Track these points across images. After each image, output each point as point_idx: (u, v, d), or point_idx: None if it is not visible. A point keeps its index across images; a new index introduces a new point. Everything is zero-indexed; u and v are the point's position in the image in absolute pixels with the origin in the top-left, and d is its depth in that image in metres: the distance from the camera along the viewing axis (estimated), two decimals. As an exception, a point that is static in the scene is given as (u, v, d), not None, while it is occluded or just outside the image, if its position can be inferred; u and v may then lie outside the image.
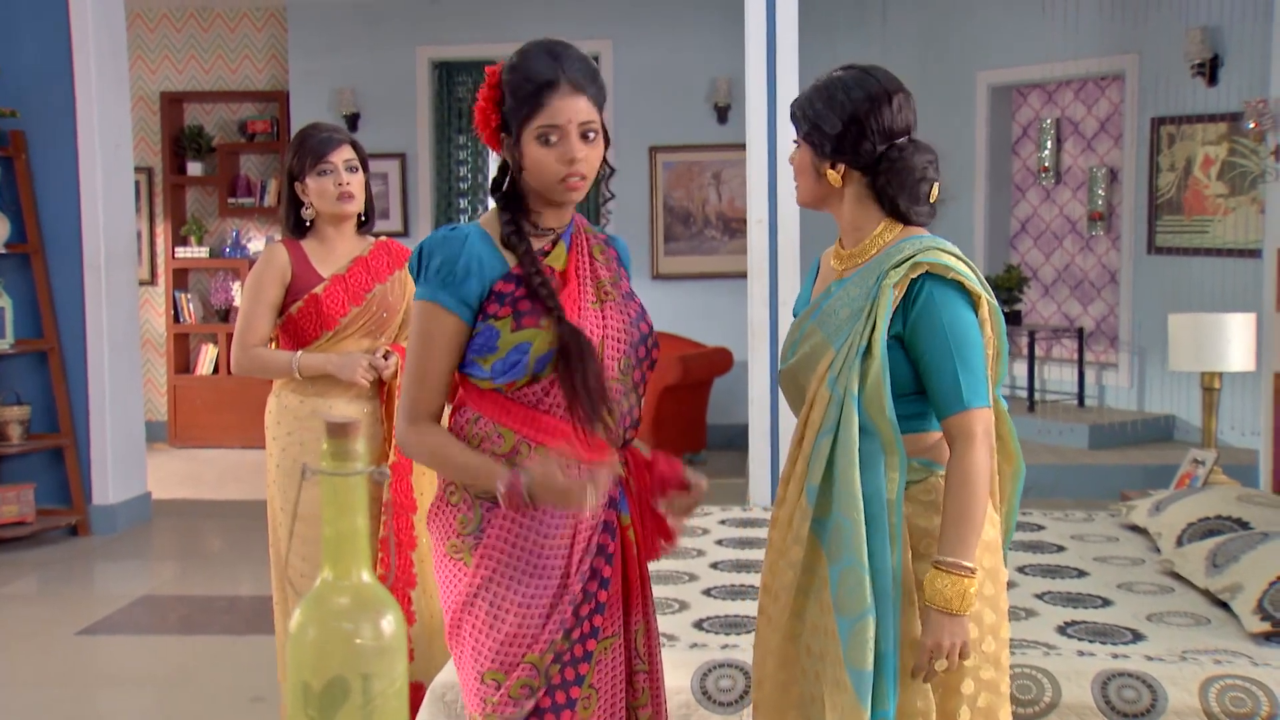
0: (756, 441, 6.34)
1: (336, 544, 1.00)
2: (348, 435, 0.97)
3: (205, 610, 5.50)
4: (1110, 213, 8.04)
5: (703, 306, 9.08)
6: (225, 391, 9.24)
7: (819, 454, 2.19)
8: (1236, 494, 4.09)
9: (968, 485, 2.15)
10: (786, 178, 6.18)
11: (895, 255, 2.23)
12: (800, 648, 2.25)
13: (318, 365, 3.42)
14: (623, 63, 9.07)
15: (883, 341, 2.17)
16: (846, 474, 2.15)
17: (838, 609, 2.14)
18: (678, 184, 9.15)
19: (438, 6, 9.10)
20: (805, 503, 2.21)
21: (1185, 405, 7.54)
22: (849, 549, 2.13)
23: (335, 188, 3.42)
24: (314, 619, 1.00)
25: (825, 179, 2.29)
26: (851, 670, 2.11)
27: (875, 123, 2.23)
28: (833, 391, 2.20)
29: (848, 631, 2.12)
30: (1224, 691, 2.92)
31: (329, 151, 3.41)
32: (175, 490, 7.81)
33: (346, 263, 3.49)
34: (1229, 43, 7.16)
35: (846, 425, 2.16)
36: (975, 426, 2.17)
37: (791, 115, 2.32)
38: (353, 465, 0.98)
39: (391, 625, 1.01)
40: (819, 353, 2.26)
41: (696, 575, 3.85)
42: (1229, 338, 4.77)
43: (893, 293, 2.18)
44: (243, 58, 9.50)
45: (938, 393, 2.19)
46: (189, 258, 9.37)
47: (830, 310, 2.28)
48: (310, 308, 3.44)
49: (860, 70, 2.28)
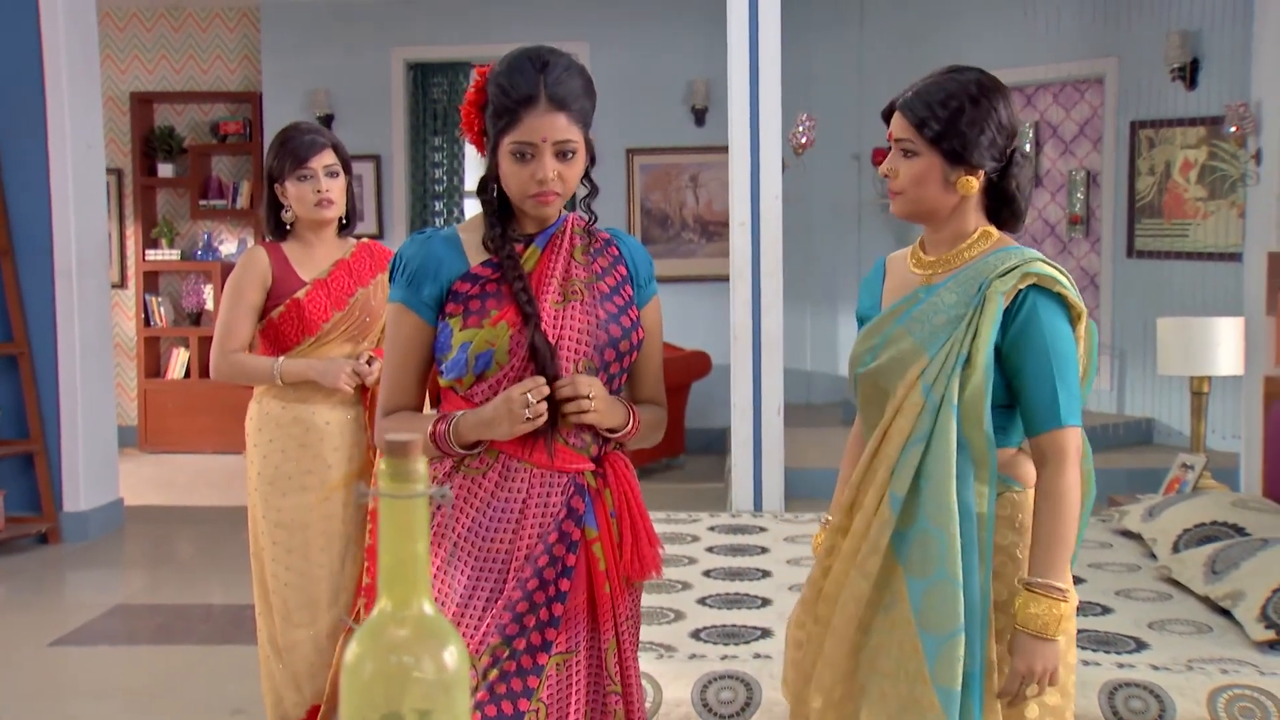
0: (739, 447, 6.28)
1: (395, 571, 0.93)
2: (407, 454, 0.90)
3: (181, 619, 5.39)
4: (1089, 216, 8.04)
5: (680, 310, 9.01)
6: (197, 396, 9.11)
7: (907, 463, 2.13)
8: (1231, 499, 4.07)
9: (1062, 505, 2.11)
10: (769, 180, 6.14)
11: (997, 264, 2.16)
12: (862, 662, 2.16)
13: (300, 371, 3.34)
14: (600, 65, 9.00)
15: (988, 352, 2.11)
16: (942, 485, 2.09)
17: (922, 625, 2.07)
18: (655, 186, 9.09)
19: (413, 7, 9.01)
20: (888, 512, 2.13)
21: (1166, 408, 7.55)
22: (940, 563, 2.07)
23: (314, 194, 3.35)
24: (371, 652, 0.93)
25: (954, 187, 2.18)
26: (940, 689, 2.04)
27: (1007, 121, 2.17)
28: (927, 399, 2.13)
29: (936, 649, 2.05)
30: (1232, 702, 2.89)
31: (309, 157, 3.33)
32: (147, 496, 7.68)
33: (328, 266, 3.42)
34: (1208, 47, 7.17)
35: (943, 435, 2.10)
36: (1069, 445, 2.13)
37: (919, 122, 2.17)
38: (413, 486, 0.91)
39: (454, 657, 0.94)
40: (909, 358, 2.18)
41: (690, 584, 3.79)
42: (1218, 341, 4.75)
43: (1001, 301, 2.12)
44: (214, 58, 9.38)
45: (1034, 408, 2.14)
46: (160, 260, 9.23)
47: (922, 316, 2.19)
48: (292, 312, 3.37)
49: (974, 70, 2.21)
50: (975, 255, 2.20)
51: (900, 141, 2.19)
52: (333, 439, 3.38)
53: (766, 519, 4.79)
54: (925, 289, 2.23)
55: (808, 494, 6.81)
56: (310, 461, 3.37)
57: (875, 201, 8.92)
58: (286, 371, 3.34)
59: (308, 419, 3.37)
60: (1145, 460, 6.93)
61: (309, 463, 3.37)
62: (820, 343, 9.24)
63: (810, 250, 8.90)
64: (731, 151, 6.14)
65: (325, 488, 3.38)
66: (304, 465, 3.37)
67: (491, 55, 9.70)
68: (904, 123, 2.18)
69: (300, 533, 3.38)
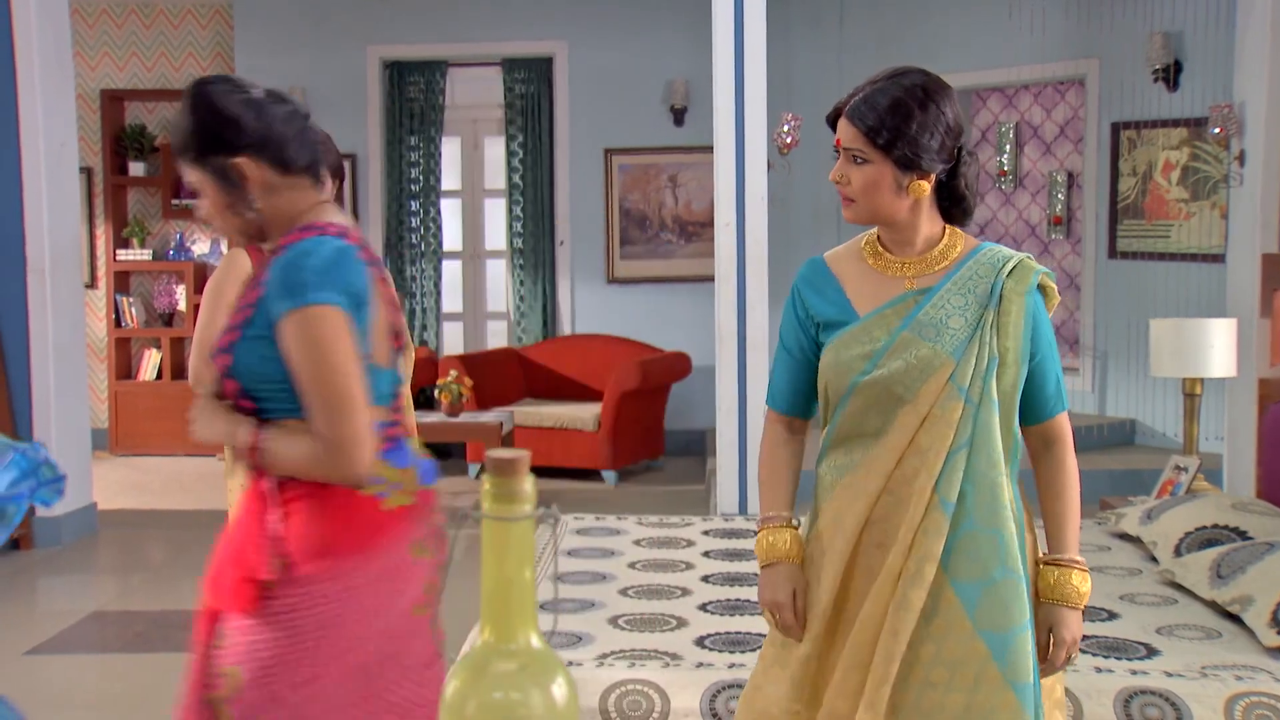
0: (724, 449, 6.22)
1: (498, 600, 0.86)
2: (514, 472, 0.83)
3: (160, 626, 5.28)
4: (1070, 217, 8.04)
5: (659, 311, 8.97)
6: (169, 397, 8.97)
7: (954, 467, 2.11)
8: (1230, 502, 4.05)
9: (1072, 483, 2.24)
10: (754, 181, 6.09)
11: (994, 263, 2.19)
12: (912, 675, 2.10)
13: None
14: (577, 64, 8.95)
15: (1020, 349, 2.16)
16: (993, 485, 2.12)
17: (982, 625, 2.07)
18: (633, 187, 9.03)
19: (389, 5, 8.91)
20: (942, 520, 2.09)
21: (1149, 410, 7.55)
22: (1001, 562, 2.10)
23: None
24: (474, 688, 0.86)
25: (907, 192, 2.18)
26: (1016, 686, 2.07)
27: (953, 122, 2.18)
28: (966, 401, 2.12)
29: (1007, 645, 2.07)
30: (1250, 709, 2.85)
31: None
32: (120, 500, 7.55)
33: None
34: (1190, 48, 7.19)
35: (987, 435, 2.13)
36: (1068, 428, 2.27)
37: (867, 129, 2.15)
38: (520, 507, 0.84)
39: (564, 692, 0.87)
40: (930, 364, 2.14)
41: (689, 590, 3.73)
42: (1211, 343, 4.74)
43: (1028, 301, 2.17)
44: (187, 55, 9.24)
45: (1040, 397, 2.23)
46: (131, 260, 9.09)
47: (932, 320, 2.16)
48: None
49: (918, 71, 2.20)
50: (959, 255, 2.22)
51: (849, 150, 2.18)
52: None
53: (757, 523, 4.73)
54: (920, 292, 2.20)
55: (791, 496, 6.76)
56: None
57: (855, 202, 8.88)
58: None
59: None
60: (1128, 461, 6.93)
61: None
62: (800, 344, 9.18)
63: (792, 251, 8.84)
64: (716, 152, 6.09)
65: None
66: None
67: (469, 54, 9.65)
68: (853, 131, 2.17)
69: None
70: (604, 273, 9.03)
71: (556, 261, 9.07)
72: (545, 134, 9.01)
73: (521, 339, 9.01)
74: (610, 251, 9.04)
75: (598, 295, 9.04)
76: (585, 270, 9.05)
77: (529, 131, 8.99)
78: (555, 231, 9.07)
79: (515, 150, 9.01)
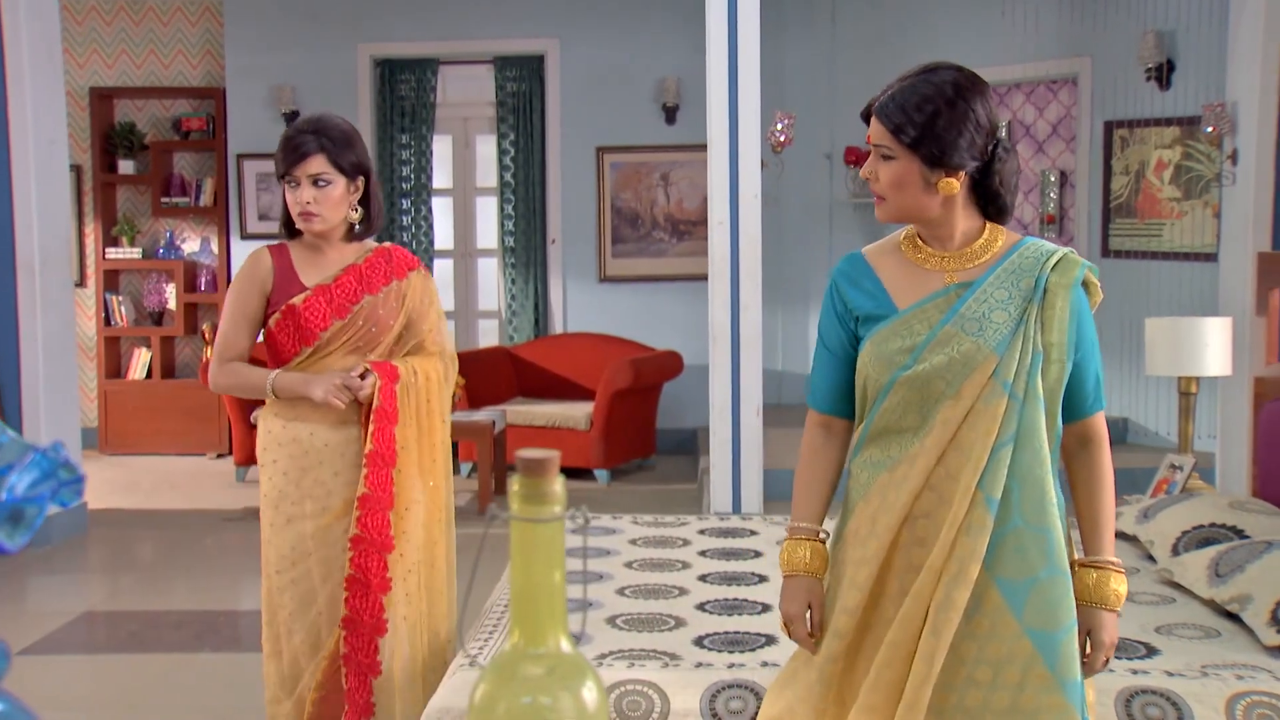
0: (717, 448, 6.20)
1: (528, 602, 0.84)
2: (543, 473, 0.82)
3: (153, 627, 5.25)
4: (1062, 216, 8.05)
5: (651, 309, 8.96)
6: (159, 396, 8.94)
7: (999, 463, 2.09)
8: (1228, 501, 4.04)
9: (1109, 484, 2.23)
10: (748, 179, 6.07)
11: (1038, 257, 2.18)
12: (958, 675, 2.09)
13: (292, 386, 3.10)
14: (569, 62, 8.93)
15: (1065, 344, 2.14)
16: (1040, 481, 2.11)
17: (1030, 624, 2.06)
18: (625, 185, 9.02)
19: (379, 2, 8.88)
20: (986, 517, 2.08)
21: (1141, 409, 7.56)
22: (1049, 560, 2.09)
23: (296, 205, 3.10)
24: (503, 692, 0.84)
25: (935, 189, 2.16)
26: (1066, 684, 2.06)
27: (985, 119, 2.15)
28: (1010, 396, 2.11)
29: (1056, 645, 2.06)
30: (1251, 709, 2.84)
31: (294, 165, 3.08)
32: (110, 500, 7.52)
33: (336, 271, 3.18)
34: (1182, 47, 7.19)
35: (1032, 431, 2.11)
36: (1104, 428, 2.25)
37: (895, 126, 2.14)
38: (549, 509, 0.82)
39: (594, 696, 0.85)
40: (973, 358, 2.13)
41: (686, 589, 3.71)
42: (1206, 342, 4.73)
43: (1073, 295, 2.15)
44: (176, 52, 9.20)
45: (1081, 394, 2.21)
46: (121, 259, 9.05)
47: (975, 314, 2.15)
48: (288, 320, 3.13)
49: (950, 67, 2.18)
50: (1001, 249, 2.20)
51: (878, 146, 2.18)
52: (332, 462, 3.15)
53: (755, 521, 4.72)
54: (962, 286, 2.18)
55: (784, 495, 6.70)
56: (310, 486, 3.14)
57: (847, 201, 8.89)
58: (280, 386, 3.11)
59: (305, 439, 3.15)
60: (1121, 460, 6.84)
61: (308, 487, 3.14)
62: (792, 343, 9.20)
63: (782, 250, 8.86)
64: (710, 151, 6.07)
65: (325, 515, 3.15)
66: (303, 489, 3.14)
67: (460, 52, 9.61)
68: (881, 128, 2.17)
69: (301, 563, 3.14)
70: (596, 271, 9.01)
71: (548, 260, 9.05)
72: (537, 132, 8.99)
73: (513, 338, 8.99)
74: (602, 250, 9.02)
75: (590, 294, 9.02)
76: (577, 269, 9.03)
77: (520, 130, 8.97)
78: (547, 230, 9.05)
79: (507, 148, 8.99)
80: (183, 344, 9.26)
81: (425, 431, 3.23)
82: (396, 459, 3.14)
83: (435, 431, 3.26)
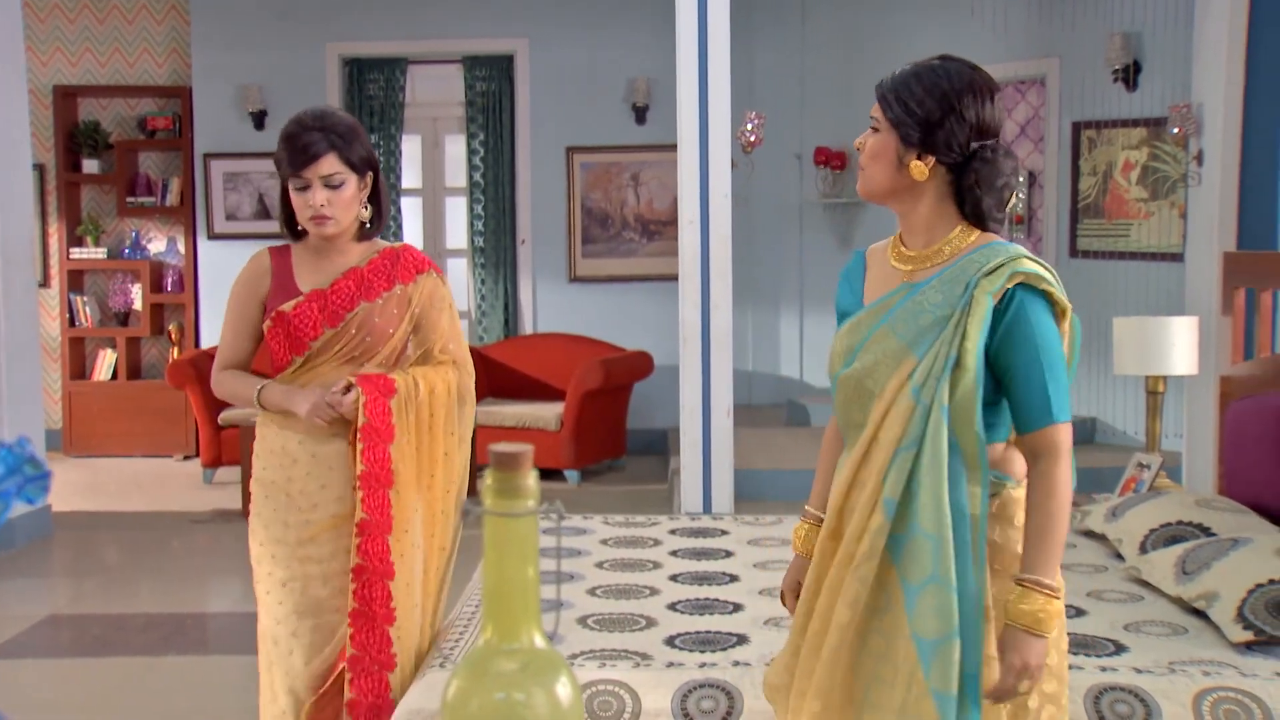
0: (688, 449, 6.20)
1: (500, 598, 0.83)
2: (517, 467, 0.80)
3: (119, 630, 5.20)
4: (1031, 216, 8.09)
5: (621, 310, 8.94)
6: (125, 398, 8.86)
7: (899, 468, 2.09)
8: (1194, 499, 4.07)
9: (1054, 501, 2.11)
10: (718, 179, 6.08)
11: (983, 262, 2.13)
12: (862, 668, 2.12)
13: (277, 400, 2.96)
14: (539, 62, 8.91)
15: (979, 353, 2.09)
16: (935, 489, 2.06)
17: (916, 630, 2.04)
18: (595, 185, 9.00)
19: (348, 1, 8.83)
20: (882, 518, 2.09)
21: (1109, 408, 7.61)
22: (933, 567, 2.04)
23: (307, 209, 2.92)
24: (476, 688, 0.83)
25: (906, 170, 2.17)
26: (937, 694, 2.01)
27: (975, 117, 2.13)
28: (917, 402, 2.10)
29: (931, 653, 2.03)
30: (1217, 704, 2.86)
31: (304, 166, 2.90)
32: (75, 502, 7.44)
33: (336, 274, 3.00)
34: (1148, 48, 7.24)
35: (935, 439, 2.08)
36: (1061, 441, 2.13)
37: (881, 97, 2.19)
38: (522, 503, 0.81)
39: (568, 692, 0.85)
40: (895, 359, 2.15)
41: (658, 589, 3.71)
42: (1173, 341, 4.77)
43: (990, 302, 2.09)
44: (141, 51, 9.12)
45: (1025, 406, 2.13)
46: (85, 259, 8.96)
47: (906, 315, 2.16)
48: (279, 327, 2.97)
49: (962, 62, 2.19)
50: (958, 252, 2.17)
51: (872, 119, 2.22)
52: (319, 474, 2.99)
53: (727, 521, 4.72)
54: (909, 286, 2.19)
55: (754, 496, 6.76)
56: (297, 496, 2.99)
57: (817, 201, 8.91)
58: (266, 399, 2.97)
59: (293, 449, 3.00)
60: (1088, 460, 6.95)
61: (295, 498, 2.99)
62: (762, 343, 9.21)
63: (752, 250, 8.86)
64: (680, 150, 6.07)
65: (309, 528, 2.99)
66: (290, 500, 2.99)
67: (429, 52, 9.57)
68: (876, 102, 2.21)
69: (295, 579, 2.98)
70: (566, 271, 8.99)
71: (518, 260, 9.02)
72: (506, 132, 8.97)
73: (483, 338, 8.96)
74: (572, 250, 9.00)
75: (559, 294, 9.00)
76: (547, 269, 9.01)
77: (490, 130, 8.94)
78: (516, 230, 9.03)
79: (476, 148, 8.96)
80: (149, 345, 9.18)
81: (425, 448, 3.06)
82: (394, 479, 2.98)
83: (437, 447, 3.08)
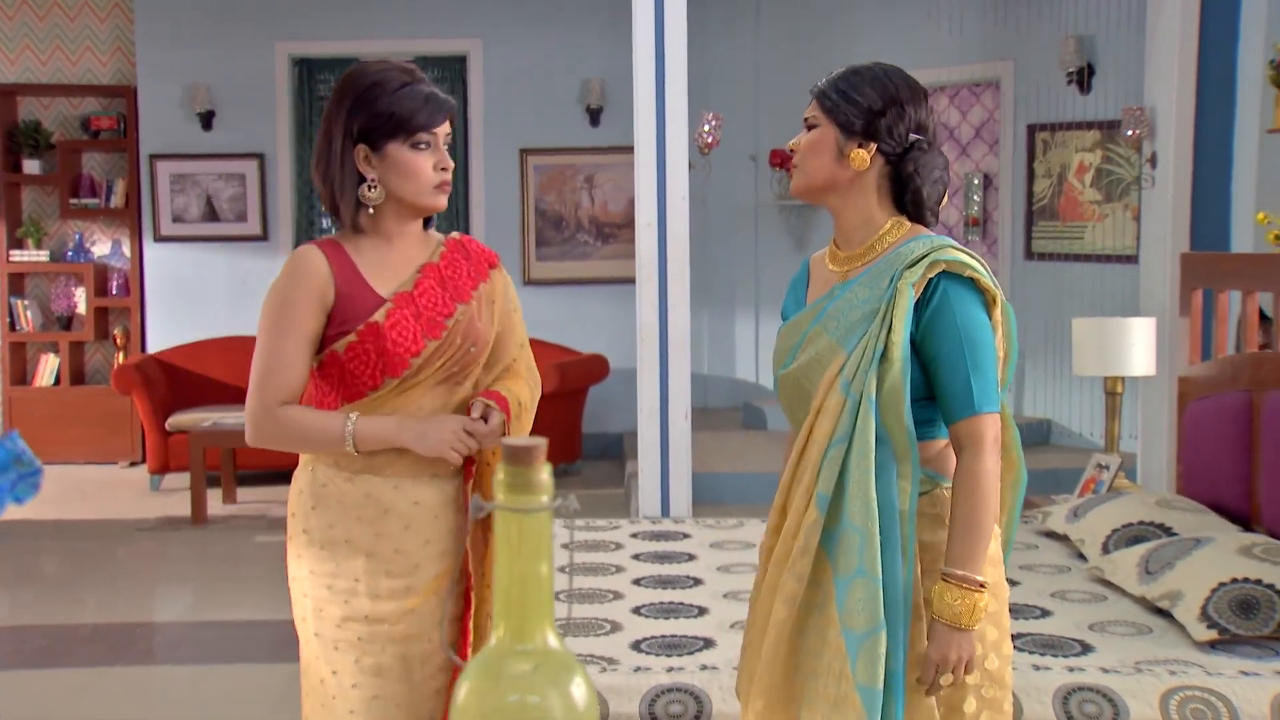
0: (645, 452, 6.15)
1: (513, 596, 0.77)
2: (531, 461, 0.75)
3: (65, 640, 5.06)
4: (986, 219, 8.11)
5: (576, 313, 8.88)
6: (68, 404, 8.68)
7: (831, 462, 2.09)
8: (1155, 499, 4.07)
9: (977, 494, 2.07)
10: (675, 181, 6.04)
11: (907, 254, 2.14)
12: (801, 664, 2.13)
13: (386, 437, 2.27)
14: (492, 63, 8.83)
15: (904, 345, 2.08)
16: (862, 482, 2.05)
17: (845, 623, 2.04)
18: (549, 188, 8.94)
19: (298, 0, 8.71)
20: (815, 513, 2.09)
21: (1065, 410, 7.64)
22: (860, 561, 2.03)
23: (436, 173, 2.36)
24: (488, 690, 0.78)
25: (847, 161, 2.18)
26: (861, 688, 2.01)
27: (913, 111, 2.19)
28: (847, 396, 2.10)
29: (857, 647, 2.02)
30: (1184, 703, 2.85)
31: (435, 121, 2.33)
32: (15, 511, 7.24)
33: (410, 273, 2.37)
34: (1102, 51, 7.28)
35: (863, 432, 2.07)
36: (985, 432, 2.09)
37: (820, 94, 2.22)
38: (536, 498, 0.76)
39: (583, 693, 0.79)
40: (827, 356, 2.16)
41: (621, 593, 3.65)
42: (1132, 342, 4.77)
43: (912, 292, 2.09)
44: (84, 49, 8.94)
45: (948, 396, 2.11)
46: (26, 261, 8.77)
47: (836, 312, 2.17)
48: (368, 344, 2.27)
49: (898, 67, 2.25)
50: (888, 247, 2.19)
51: (806, 119, 2.24)
52: (423, 528, 2.33)
53: (688, 525, 4.68)
54: (841, 285, 2.21)
55: (712, 500, 6.72)
56: (390, 557, 2.30)
57: (772, 203, 8.89)
58: (364, 437, 2.26)
59: (386, 498, 2.31)
60: (1045, 461, 6.98)
61: (388, 559, 2.30)
62: (718, 346, 9.18)
63: (708, 252, 8.83)
64: (637, 152, 6.02)
65: (410, 596, 2.31)
66: (379, 563, 2.30)
67: (380, 51, 9.44)
68: (811, 102, 2.23)
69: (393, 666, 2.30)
70: (520, 274, 8.91)
71: (471, 263, 8.92)
72: (459, 133, 8.87)
73: (435, 342, 8.85)
74: (526, 253, 8.93)
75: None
76: (500, 272, 8.92)
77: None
78: (470, 233, 8.93)
79: (428, 150, 8.85)
80: (93, 349, 9.00)
81: None
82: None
83: None
